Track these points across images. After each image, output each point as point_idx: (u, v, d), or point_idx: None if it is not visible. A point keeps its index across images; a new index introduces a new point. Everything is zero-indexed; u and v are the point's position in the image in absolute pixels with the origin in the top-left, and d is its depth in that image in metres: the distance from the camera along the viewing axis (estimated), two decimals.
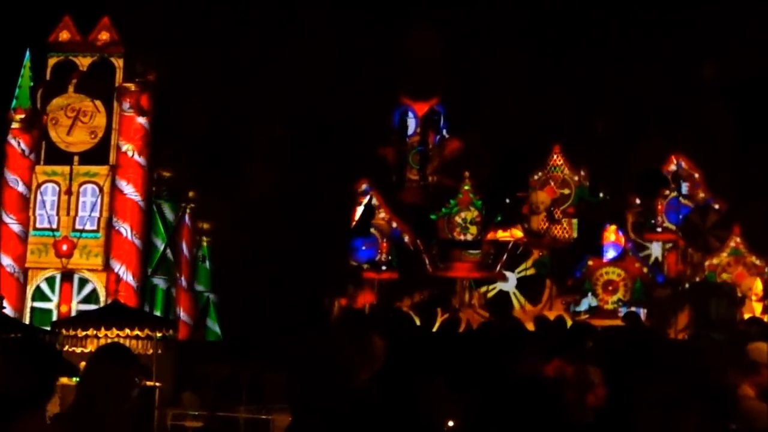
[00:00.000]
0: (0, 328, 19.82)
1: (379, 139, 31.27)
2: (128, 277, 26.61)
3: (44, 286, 27.27)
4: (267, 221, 29.68)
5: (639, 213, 28.57)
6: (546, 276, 28.08)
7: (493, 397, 5.44)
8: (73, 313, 25.98)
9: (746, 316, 25.29)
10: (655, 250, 28.31)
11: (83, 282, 27.07)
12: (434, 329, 26.46)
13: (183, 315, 28.87)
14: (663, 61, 29.21)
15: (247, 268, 29.35)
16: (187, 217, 29.34)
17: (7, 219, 27.56)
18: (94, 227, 27.11)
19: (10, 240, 27.51)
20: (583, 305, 27.18)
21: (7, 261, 27.35)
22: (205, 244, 30.35)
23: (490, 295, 28.30)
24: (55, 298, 27.17)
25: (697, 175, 28.91)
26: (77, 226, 27.12)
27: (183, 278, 29.03)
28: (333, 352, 5.48)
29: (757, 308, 26.15)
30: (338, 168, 29.70)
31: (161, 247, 28.23)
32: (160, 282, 28.01)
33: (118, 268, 26.62)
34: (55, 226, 27.16)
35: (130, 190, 27.01)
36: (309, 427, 5.28)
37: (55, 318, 25.37)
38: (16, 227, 27.50)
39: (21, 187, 27.55)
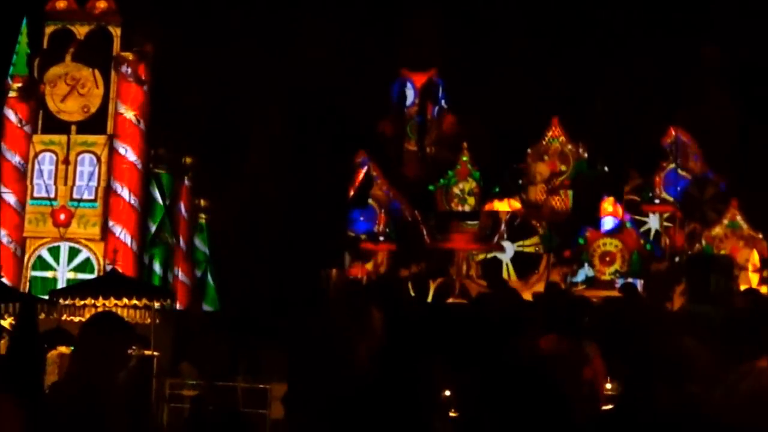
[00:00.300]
0: None
1: (377, 110, 31.20)
2: (127, 238, 26.59)
3: (46, 255, 27.26)
4: (265, 194, 29.69)
5: (635, 189, 28.54)
6: (545, 252, 28.10)
7: (490, 375, 5.45)
8: (63, 282, 26.01)
9: (743, 287, 25.39)
10: (653, 222, 28.33)
11: (75, 251, 27.06)
12: (429, 299, 26.52)
13: (182, 276, 28.89)
14: (664, 34, 29.11)
15: (244, 238, 29.38)
16: (184, 189, 29.29)
17: (2, 190, 27.52)
18: (92, 197, 27.10)
19: (7, 211, 27.48)
20: (580, 276, 27.22)
21: (3, 232, 27.32)
22: (203, 218, 30.33)
23: (481, 257, 28.32)
24: (59, 267, 27.17)
25: (695, 148, 28.87)
26: (75, 196, 27.11)
27: (183, 242, 29.03)
28: (332, 326, 5.47)
29: (754, 279, 26.20)
30: (336, 139, 29.67)
31: (159, 219, 28.21)
32: (163, 241, 28.01)
33: (119, 232, 26.57)
34: (52, 195, 27.14)
35: (129, 154, 26.92)
36: (306, 400, 5.28)
37: (60, 286, 25.38)
38: (11, 198, 27.47)
39: (16, 158, 27.48)
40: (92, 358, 4.65)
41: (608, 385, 7.87)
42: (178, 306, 25.52)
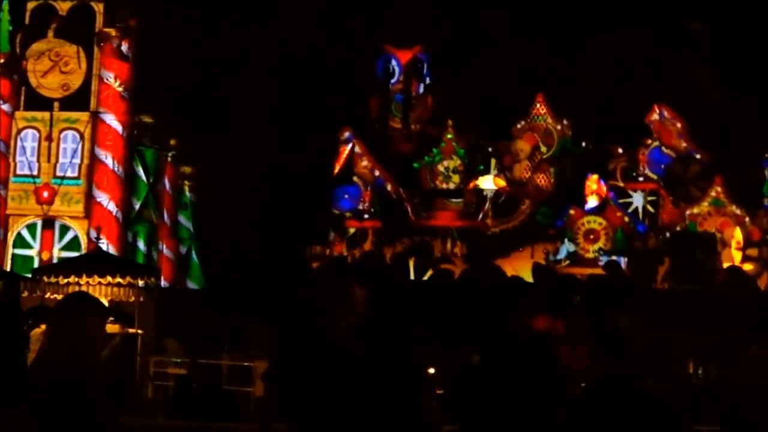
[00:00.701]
0: None
1: (362, 87, 31.11)
2: (113, 207, 26.49)
3: (25, 233, 27.16)
4: (249, 170, 29.61)
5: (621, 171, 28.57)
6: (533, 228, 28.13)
7: (487, 353, 5.48)
8: (55, 261, 25.93)
9: (725, 265, 25.52)
10: (637, 200, 28.40)
11: (65, 229, 26.98)
12: (412, 277, 26.55)
13: (167, 251, 28.84)
14: (648, 10, 29.08)
15: (229, 216, 29.32)
16: (169, 160, 29.20)
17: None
18: (75, 174, 26.97)
19: None
20: (562, 253, 27.28)
21: None
22: (187, 191, 30.24)
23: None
24: (36, 245, 27.09)
25: (679, 125, 28.92)
26: (58, 173, 26.97)
27: (166, 216, 28.96)
28: (315, 302, 5.48)
29: (737, 257, 26.33)
30: (320, 116, 29.59)
31: (143, 194, 28.13)
32: (147, 218, 27.95)
33: (106, 202, 26.44)
34: (35, 172, 26.99)
35: (113, 123, 26.76)
36: (287, 375, 5.29)
37: (36, 265, 25.31)
38: None
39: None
40: (64, 339, 4.63)
41: None
42: (162, 283, 25.48)
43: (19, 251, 27.11)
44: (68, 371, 4.54)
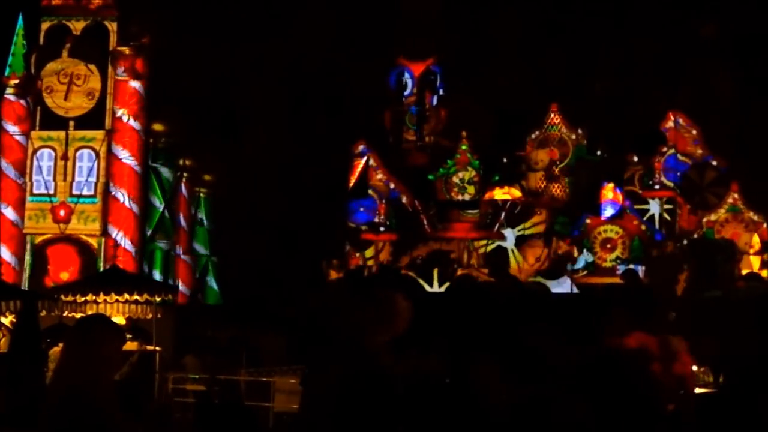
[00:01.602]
0: None
1: (376, 100, 31.14)
2: (126, 243, 26.58)
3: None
4: (265, 184, 29.65)
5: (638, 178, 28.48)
6: (548, 234, 28.04)
7: (576, 374, 5.31)
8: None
9: (744, 271, 25.36)
10: (654, 207, 28.27)
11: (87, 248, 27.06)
12: (434, 289, 26.49)
13: (181, 285, 28.89)
14: (661, 17, 29.01)
15: (245, 230, 29.35)
16: (183, 182, 29.28)
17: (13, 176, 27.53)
18: (91, 192, 27.06)
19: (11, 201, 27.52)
20: (580, 263, 27.18)
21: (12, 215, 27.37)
22: (203, 205, 30.32)
23: (489, 249, 28.20)
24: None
25: (695, 132, 28.80)
26: (74, 192, 27.06)
27: (180, 244, 29.06)
28: (343, 313, 5.34)
29: (755, 263, 26.18)
30: (335, 129, 29.62)
31: (160, 209, 28.20)
32: (161, 244, 28.01)
33: (116, 234, 26.58)
34: (51, 191, 27.10)
35: (126, 156, 26.93)
36: (320, 389, 5.15)
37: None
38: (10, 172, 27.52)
39: (19, 137, 27.44)
40: (80, 361, 4.61)
41: (695, 367, 7.88)
42: (182, 287, 25.55)
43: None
44: (83, 394, 4.53)
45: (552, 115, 29.25)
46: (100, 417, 4.51)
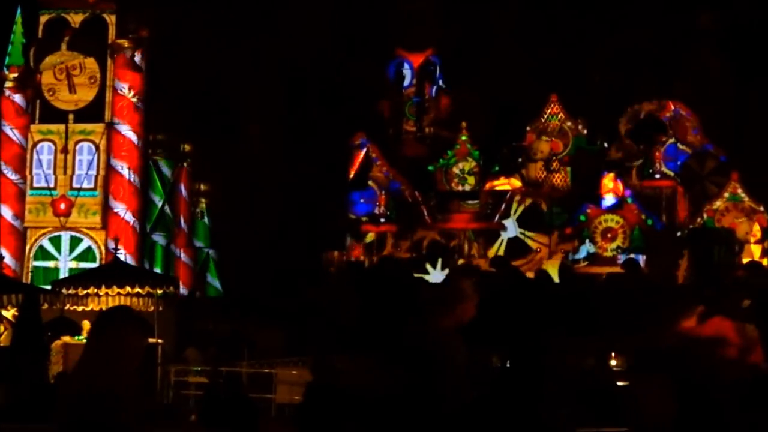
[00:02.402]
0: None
1: (375, 91, 31.11)
2: (129, 216, 26.54)
3: (47, 245, 27.22)
4: (264, 176, 29.64)
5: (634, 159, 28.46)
6: (541, 213, 28.00)
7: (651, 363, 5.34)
8: (65, 271, 25.98)
9: (745, 260, 25.36)
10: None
11: (77, 240, 27.01)
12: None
13: (185, 257, 28.86)
14: (659, 7, 28.99)
15: (245, 224, 29.35)
16: (184, 174, 29.25)
17: (9, 174, 27.47)
18: (92, 185, 27.05)
19: (9, 197, 27.45)
20: (582, 253, 27.20)
21: (9, 213, 27.29)
22: (203, 200, 30.29)
23: (501, 252, 28.12)
24: (60, 257, 27.13)
25: (694, 121, 28.79)
26: (74, 185, 27.05)
27: (183, 223, 29.00)
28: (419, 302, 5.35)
29: (756, 252, 26.19)
30: (334, 121, 29.60)
31: (159, 204, 28.18)
32: (159, 239, 28.01)
33: (123, 213, 26.49)
34: (51, 185, 27.08)
35: (128, 134, 26.83)
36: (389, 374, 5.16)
37: (62, 276, 25.33)
38: (16, 181, 27.45)
39: (17, 137, 27.39)
40: (102, 354, 4.60)
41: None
42: (181, 290, 25.53)
43: (40, 263, 27.18)
44: (102, 388, 4.51)
45: (552, 105, 29.24)
46: (118, 413, 4.50)
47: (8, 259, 26.25)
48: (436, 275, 26.54)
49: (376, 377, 5.03)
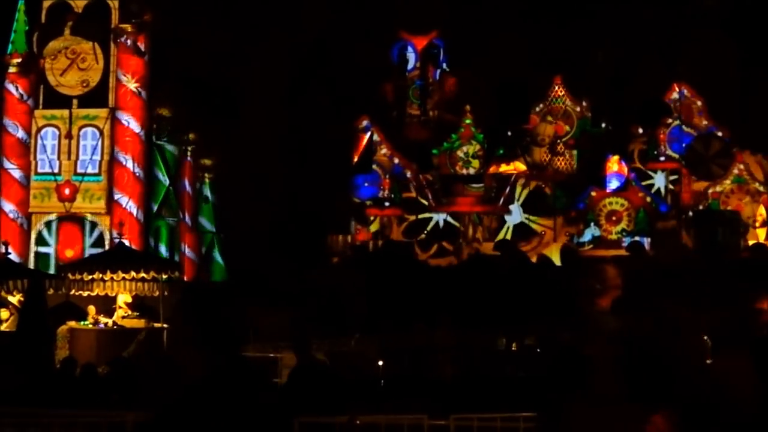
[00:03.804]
0: (5, 274, 19.90)
1: (379, 74, 31.04)
2: (133, 208, 26.55)
3: (43, 230, 27.23)
4: (268, 160, 29.62)
5: (643, 142, 28.42)
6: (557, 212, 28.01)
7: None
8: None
9: (750, 242, 25.36)
10: (659, 180, 28.24)
11: (93, 225, 27.04)
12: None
13: (189, 252, 28.87)
14: None
15: (249, 208, 29.34)
16: (188, 157, 29.21)
17: (7, 165, 27.48)
18: (96, 170, 27.04)
19: (12, 186, 27.46)
20: (587, 236, 27.20)
21: (10, 207, 27.33)
22: (207, 182, 30.22)
23: (506, 235, 28.12)
24: (52, 242, 27.16)
25: (699, 103, 28.72)
26: (79, 170, 27.05)
27: (187, 216, 28.99)
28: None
29: (761, 234, 26.18)
30: (338, 105, 29.55)
31: (166, 184, 28.15)
32: (167, 221, 28.01)
33: (125, 203, 26.51)
34: (56, 170, 27.09)
35: (132, 125, 26.82)
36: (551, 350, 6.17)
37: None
38: (16, 173, 27.44)
39: (20, 133, 27.44)
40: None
41: None
42: (185, 278, 25.54)
43: (41, 249, 27.21)
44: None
45: (556, 88, 29.18)
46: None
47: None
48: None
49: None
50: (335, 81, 29.76)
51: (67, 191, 26.91)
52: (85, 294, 20.55)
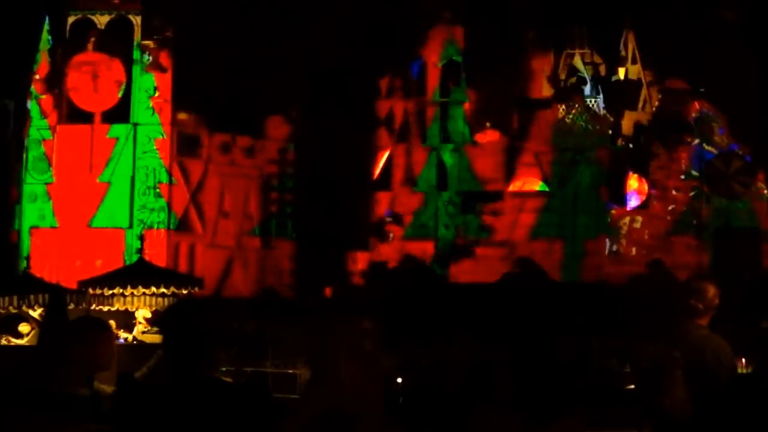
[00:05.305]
0: (26, 288, 20.04)
1: (399, 90, 31.08)
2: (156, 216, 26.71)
3: None
4: (287, 175, 29.73)
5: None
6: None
7: None
8: None
9: None
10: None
11: None
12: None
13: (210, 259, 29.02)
14: (683, 4, 28.85)
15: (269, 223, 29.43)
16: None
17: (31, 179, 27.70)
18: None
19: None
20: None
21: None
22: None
23: None
24: None
25: (720, 121, 28.64)
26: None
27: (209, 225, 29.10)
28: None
29: None
30: (357, 121, 29.62)
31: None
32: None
33: (150, 214, 26.70)
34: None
35: (153, 132, 27.01)
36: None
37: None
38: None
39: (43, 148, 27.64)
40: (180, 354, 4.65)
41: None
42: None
43: None
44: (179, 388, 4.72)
45: (577, 105, 29.18)
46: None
47: None
48: None
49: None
50: (356, 96, 29.84)
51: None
52: (105, 309, 20.66)
